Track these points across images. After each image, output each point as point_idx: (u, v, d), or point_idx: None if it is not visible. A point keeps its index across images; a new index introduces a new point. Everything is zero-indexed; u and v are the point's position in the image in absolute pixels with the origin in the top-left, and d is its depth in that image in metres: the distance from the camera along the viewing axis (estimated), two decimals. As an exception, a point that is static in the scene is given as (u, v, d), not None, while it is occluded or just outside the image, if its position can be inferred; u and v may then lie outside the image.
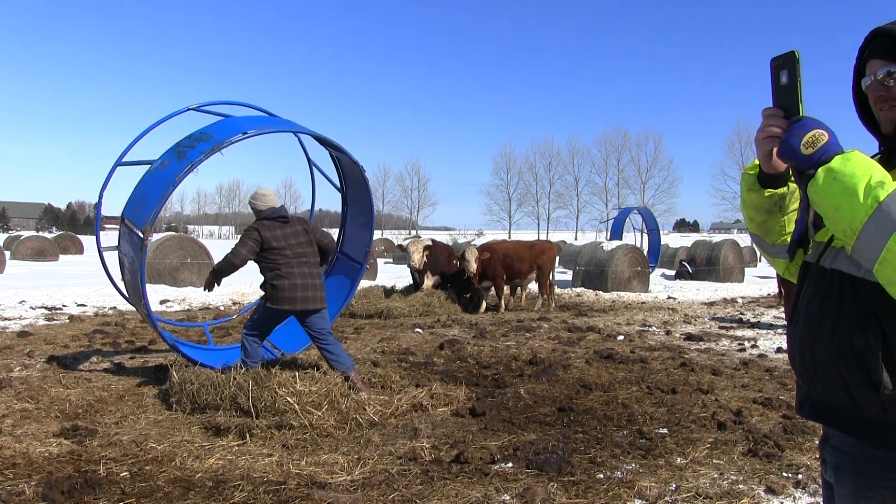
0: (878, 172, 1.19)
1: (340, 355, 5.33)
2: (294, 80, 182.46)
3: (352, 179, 7.49)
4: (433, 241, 13.06)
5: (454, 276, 12.42)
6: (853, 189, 1.18)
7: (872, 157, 1.40)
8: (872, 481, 1.33)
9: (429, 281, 12.47)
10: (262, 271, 5.34)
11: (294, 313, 5.33)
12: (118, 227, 5.78)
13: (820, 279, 1.38)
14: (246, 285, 15.30)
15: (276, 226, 5.31)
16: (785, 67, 1.36)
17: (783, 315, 11.40)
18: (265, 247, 5.23)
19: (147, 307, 5.60)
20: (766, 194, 1.50)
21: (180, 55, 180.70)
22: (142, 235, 5.29)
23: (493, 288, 12.46)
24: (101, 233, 6.53)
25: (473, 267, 11.64)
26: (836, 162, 1.23)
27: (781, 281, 10.99)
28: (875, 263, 1.17)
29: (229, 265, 5.25)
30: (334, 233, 7.17)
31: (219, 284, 5.45)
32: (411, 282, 13.45)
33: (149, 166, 5.73)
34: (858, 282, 1.26)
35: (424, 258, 12.08)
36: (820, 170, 1.25)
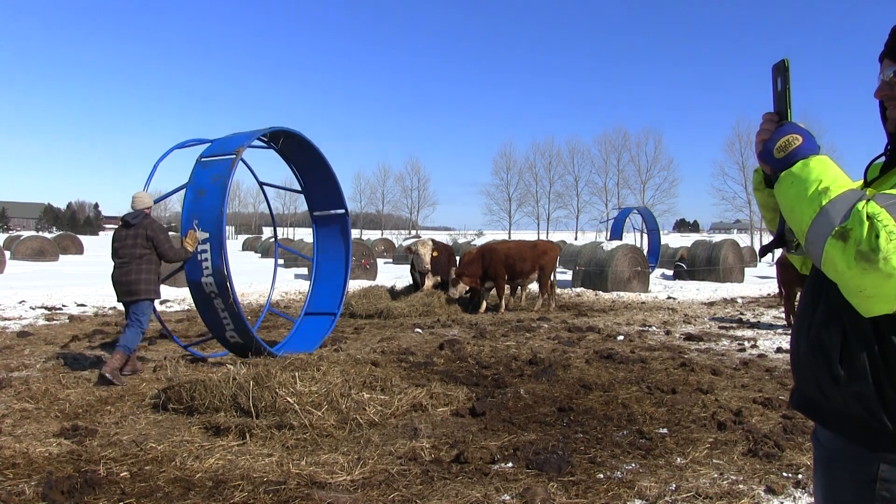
0: (829, 178, 1.24)
1: (126, 338, 5.99)
2: (294, 80, 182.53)
3: (313, 179, 8.37)
4: (433, 241, 13.09)
5: None
6: (804, 193, 1.26)
7: (878, 156, 1.43)
8: (838, 472, 1.37)
9: (429, 281, 12.49)
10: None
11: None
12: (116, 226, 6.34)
13: (813, 277, 1.45)
14: (246, 285, 15.32)
15: (120, 226, 6.24)
16: (780, 74, 1.42)
17: (783, 315, 11.41)
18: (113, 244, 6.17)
19: (235, 301, 6.32)
20: (768, 193, 1.54)
21: (180, 54, 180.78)
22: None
23: (493, 288, 12.48)
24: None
25: (455, 292, 11.91)
26: (797, 166, 1.30)
27: (781, 281, 11.00)
28: (820, 264, 1.24)
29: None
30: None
31: None
32: (411, 282, 13.45)
33: (182, 191, 6.73)
34: (830, 281, 1.31)
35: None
36: (784, 173, 1.33)
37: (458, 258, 13.64)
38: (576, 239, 46.50)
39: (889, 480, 1.27)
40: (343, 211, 8.45)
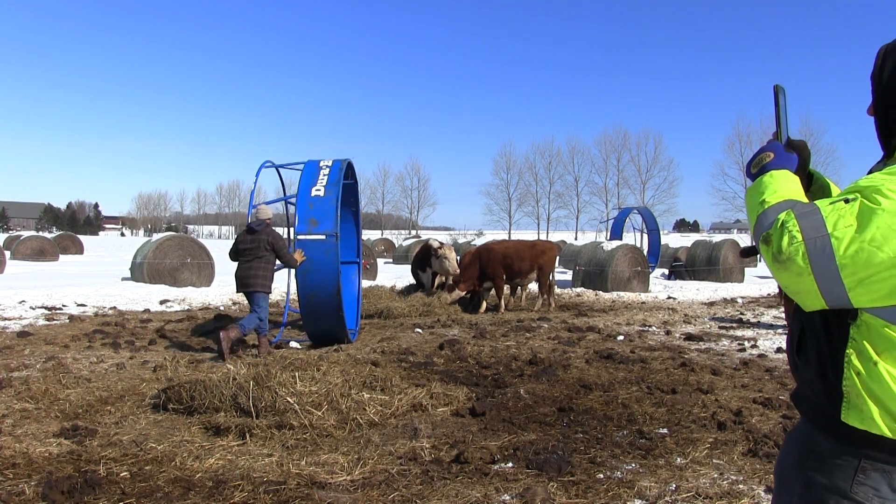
0: (771, 191, 1.44)
1: (245, 320, 7.31)
2: (294, 79, 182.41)
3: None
4: (433, 241, 13.09)
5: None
6: (754, 203, 1.46)
7: (875, 165, 1.50)
8: (792, 443, 1.52)
9: (437, 280, 12.56)
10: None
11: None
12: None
13: None
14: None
15: (244, 231, 7.65)
16: (774, 98, 1.57)
17: (783, 315, 11.40)
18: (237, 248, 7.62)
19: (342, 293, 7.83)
20: None
21: (178, 54, 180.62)
22: (334, 235, 7.76)
23: (493, 288, 12.47)
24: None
25: (449, 298, 11.98)
26: (756, 180, 1.50)
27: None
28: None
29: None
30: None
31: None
32: (414, 282, 13.45)
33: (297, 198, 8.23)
34: None
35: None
36: (749, 186, 1.54)
37: (458, 258, 13.63)
38: (576, 239, 46.50)
39: (821, 454, 1.40)
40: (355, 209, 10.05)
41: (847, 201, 1.29)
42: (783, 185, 1.44)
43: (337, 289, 7.74)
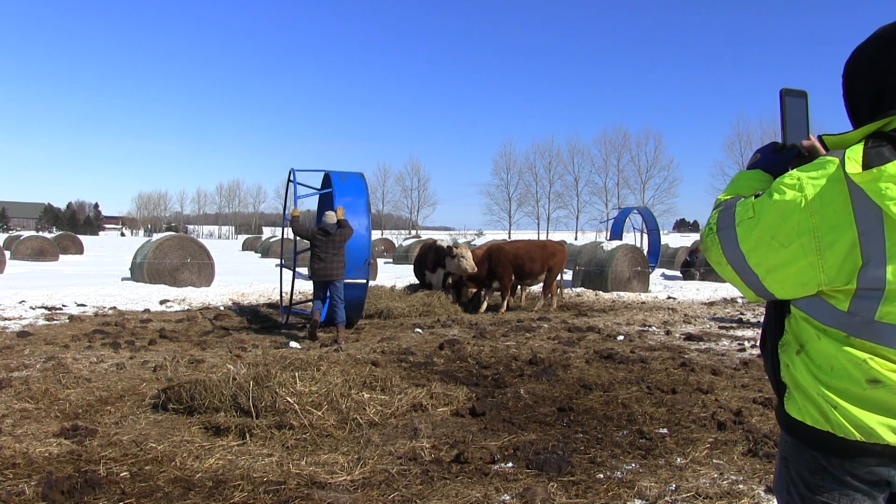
0: (725, 191, 1.50)
1: (339, 313, 8.65)
2: (294, 79, 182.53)
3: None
4: (434, 240, 13.09)
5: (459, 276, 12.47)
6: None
7: None
8: (778, 467, 1.49)
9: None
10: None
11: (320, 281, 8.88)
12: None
13: None
14: (246, 285, 15.33)
15: (320, 233, 8.82)
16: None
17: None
18: (313, 243, 8.83)
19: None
20: None
21: (178, 55, 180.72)
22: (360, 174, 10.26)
23: (500, 288, 12.43)
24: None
25: (464, 295, 12.04)
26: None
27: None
28: None
29: (298, 229, 9.04)
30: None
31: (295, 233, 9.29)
32: (417, 282, 13.44)
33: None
34: None
35: None
36: None
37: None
38: (576, 239, 46.53)
39: (788, 458, 1.41)
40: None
41: (757, 196, 1.35)
42: (739, 185, 1.50)
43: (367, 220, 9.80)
